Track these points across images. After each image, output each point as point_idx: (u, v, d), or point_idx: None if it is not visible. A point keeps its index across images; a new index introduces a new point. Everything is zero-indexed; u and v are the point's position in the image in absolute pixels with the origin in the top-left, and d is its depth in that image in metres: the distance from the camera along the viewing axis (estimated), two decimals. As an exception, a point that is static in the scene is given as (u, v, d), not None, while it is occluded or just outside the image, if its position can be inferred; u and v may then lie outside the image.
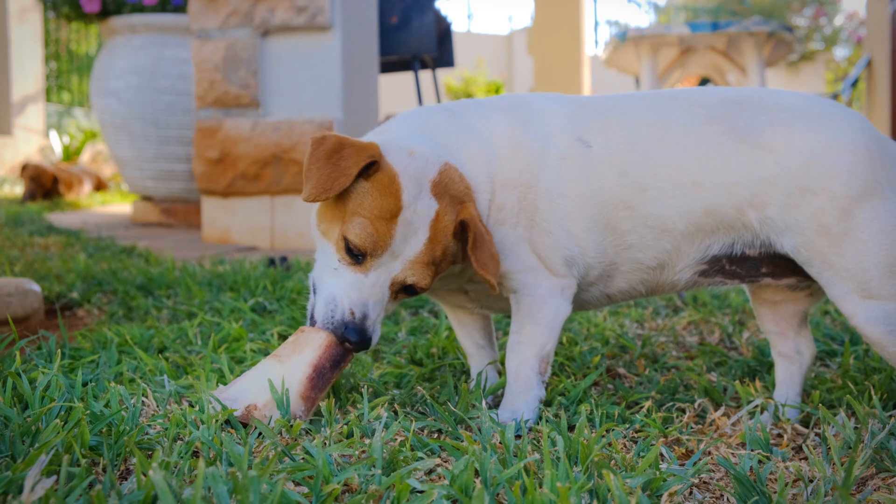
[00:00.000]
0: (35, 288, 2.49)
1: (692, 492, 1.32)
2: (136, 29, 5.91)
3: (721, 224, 1.61)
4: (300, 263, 3.57)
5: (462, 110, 1.74)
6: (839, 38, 16.13)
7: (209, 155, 5.00)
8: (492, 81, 11.40)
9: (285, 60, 4.91)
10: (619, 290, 1.75)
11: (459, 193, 1.58)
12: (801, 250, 1.56)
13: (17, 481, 1.14)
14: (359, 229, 1.51)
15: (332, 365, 1.54)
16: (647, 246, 1.66)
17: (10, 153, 11.66)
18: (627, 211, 1.64)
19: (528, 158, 1.64)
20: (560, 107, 1.71)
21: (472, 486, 1.21)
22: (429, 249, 1.54)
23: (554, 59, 11.36)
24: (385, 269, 1.54)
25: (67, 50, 14.99)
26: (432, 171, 1.56)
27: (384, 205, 1.51)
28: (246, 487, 1.07)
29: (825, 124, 1.56)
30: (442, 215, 1.55)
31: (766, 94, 1.65)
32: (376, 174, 1.53)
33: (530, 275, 1.67)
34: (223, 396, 1.55)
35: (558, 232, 1.65)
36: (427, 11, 5.98)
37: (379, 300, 1.54)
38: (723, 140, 1.60)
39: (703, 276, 1.69)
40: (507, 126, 1.68)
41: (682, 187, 1.61)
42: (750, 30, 7.10)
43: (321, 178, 1.49)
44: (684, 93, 1.71)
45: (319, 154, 1.52)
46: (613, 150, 1.64)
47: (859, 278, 1.52)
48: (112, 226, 6.16)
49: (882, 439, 1.41)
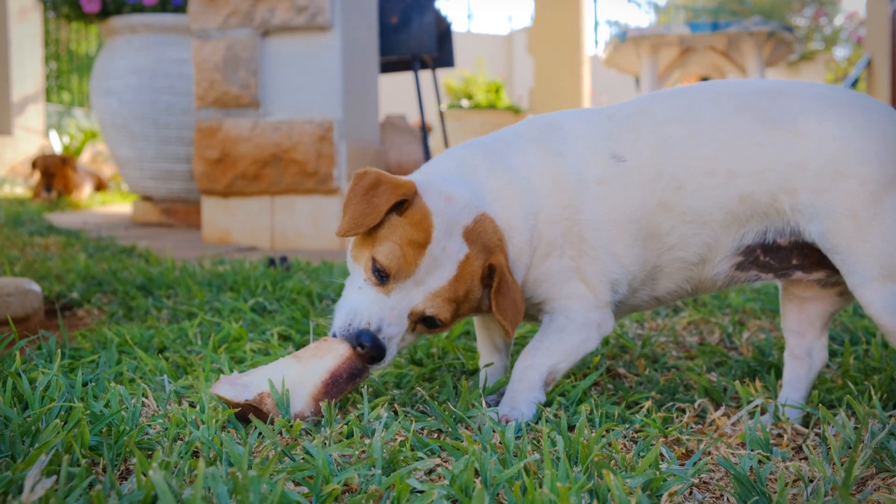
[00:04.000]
0: (35, 288, 2.49)
1: (692, 492, 1.32)
2: (136, 29, 5.91)
3: (755, 211, 1.65)
4: (300, 263, 3.57)
5: (499, 147, 1.76)
6: (839, 38, 16.13)
7: (209, 155, 5.00)
8: (492, 81, 11.39)
9: (285, 60, 4.91)
10: (666, 290, 1.78)
11: (491, 244, 1.63)
12: (827, 236, 1.58)
13: (17, 481, 1.14)
14: (387, 250, 1.56)
15: (348, 376, 1.56)
16: (687, 243, 1.69)
17: (10, 153, 11.66)
18: (667, 212, 1.67)
19: (569, 193, 1.69)
20: (588, 125, 1.74)
21: (472, 486, 1.21)
22: (452, 286, 1.59)
23: (554, 59, 11.36)
24: (406, 296, 1.58)
25: (67, 50, 14.99)
26: (467, 219, 1.61)
27: (414, 235, 1.56)
28: (246, 487, 1.07)
29: (857, 112, 1.60)
30: (472, 259, 1.60)
31: (797, 85, 1.69)
32: (409, 210, 1.58)
33: (574, 301, 1.72)
34: (237, 382, 1.55)
35: (605, 257, 1.70)
36: (427, 11, 5.98)
37: (396, 322, 1.58)
38: (755, 127, 1.63)
39: (740, 269, 1.72)
40: (543, 161, 1.71)
41: (717, 177, 1.64)
42: (750, 30, 7.10)
43: (354, 213, 1.57)
44: (712, 85, 1.74)
45: (358, 190, 1.60)
46: (647, 157, 1.67)
47: (882, 262, 1.55)
48: (112, 226, 6.17)
49: (882, 439, 1.41)
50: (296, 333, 2.32)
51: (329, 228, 4.90)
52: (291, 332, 2.32)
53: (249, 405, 1.52)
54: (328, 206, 4.90)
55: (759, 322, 2.68)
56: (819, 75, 15.99)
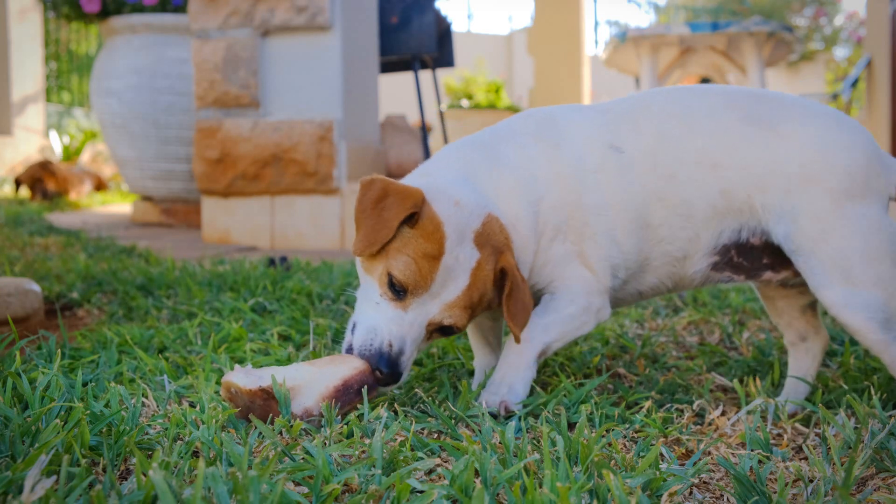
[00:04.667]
0: (35, 288, 2.49)
1: (692, 492, 1.32)
2: (136, 29, 5.91)
3: (731, 207, 1.70)
4: (300, 263, 3.57)
5: (497, 144, 1.78)
6: (839, 38, 16.13)
7: (209, 155, 5.00)
8: (492, 81, 11.39)
9: (285, 60, 4.91)
10: (649, 285, 1.83)
11: (499, 244, 1.65)
12: (792, 237, 1.65)
13: (17, 481, 1.14)
14: (403, 265, 1.57)
15: (358, 389, 1.57)
16: (675, 237, 1.74)
17: (10, 153, 11.66)
18: (660, 202, 1.72)
19: (569, 179, 1.72)
20: (584, 118, 1.78)
21: (472, 486, 1.21)
22: (467, 294, 1.60)
23: (554, 59, 11.36)
24: (424, 310, 1.59)
25: (67, 50, 14.99)
26: (476, 222, 1.62)
27: (428, 248, 1.57)
28: (246, 487, 1.07)
29: (832, 124, 1.69)
30: (483, 264, 1.61)
31: (785, 95, 1.78)
32: (421, 222, 1.58)
33: (577, 283, 1.75)
34: (252, 372, 1.56)
35: (606, 241, 1.73)
36: (427, 11, 5.98)
37: (415, 338, 1.60)
38: (741, 125, 1.70)
39: (715, 269, 1.78)
40: (542, 152, 1.74)
41: (704, 169, 1.70)
42: (750, 30, 7.10)
43: (367, 231, 1.57)
44: (704, 87, 1.82)
45: (366, 202, 1.60)
46: (643, 148, 1.73)
47: (842, 265, 1.62)
48: (112, 226, 6.17)
49: (882, 439, 1.41)
50: (296, 333, 2.32)
51: (329, 228, 4.90)
52: (291, 332, 2.32)
53: (262, 392, 1.52)
54: (328, 206, 4.90)
55: (759, 322, 2.68)
56: (819, 75, 15.99)
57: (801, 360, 1.92)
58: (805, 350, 1.92)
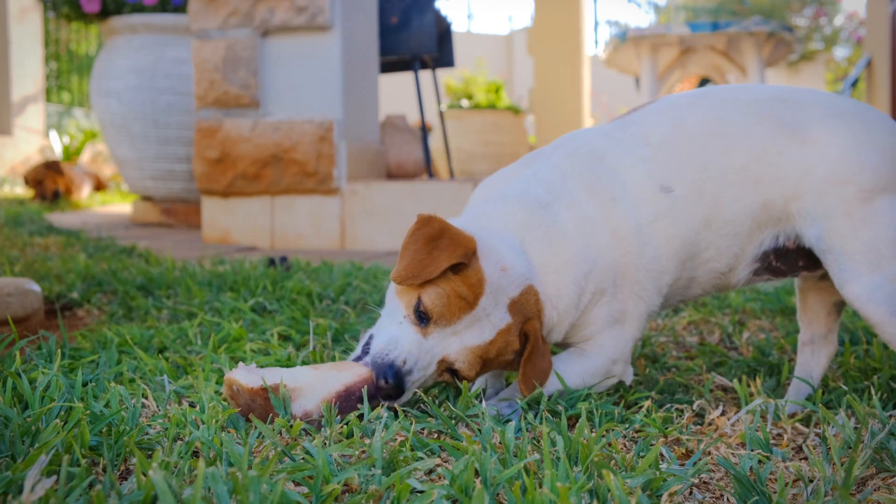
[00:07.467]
0: (35, 288, 2.49)
1: (692, 492, 1.32)
2: (136, 29, 5.91)
3: (771, 217, 1.74)
4: (300, 263, 3.57)
5: (552, 203, 1.73)
6: (839, 38, 16.11)
7: (209, 155, 5.00)
8: (492, 81, 11.38)
9: (285, 60, 4.91)
10: (694, 295, 1.88)
11: (530, 313, 1.66)
12: (824, 237, 1.69)
13: (17, 481, 1.14)
14: (434, 295, 1.58)
15: (359, 396, 1.57)
16: (721, 255, 1.77)
17: (10, 153, 11.66)
18: (707, 229, 1.74)
19: (627, 242, 1.72)
20: (630, 156, 1.76)
21: (472, 486, 1.21)
22: (486, 348, 1.61)
23: (554, 59, 11.35)
24: (442, 343, 1.60)
25: (67, 50, 14.99)
26: (515, 291, 1.63)
27: (464, 292, 1.58)
28: (246, 487, 1.07)
29: (858, 123, 1.72)
30: (512, 329, 1.63)
31: (805, 92, 1.80)
32: (466, 272, 1.59)
33: (609, 342, 1.76)
34: (255, 371, 1.56)
35: (652, 294, 1.76)
36: (427, 11, 5.97)
37: (426, 366, 1.60)
38: (774, 136, 1.72)
39: (755, 274, 1.82)
40: (599, 211, 1.72)
41: (747, 187, 1.73)
42: (750, 30, 7.10)
43: (413, 262, 1.57)
44: (730, 92, 1.81)
45: (419, 236, 1.60)
46: (690, 181, 1.74)
47: (870, 256, 1.65)
48: (112, 226, 6.16)
49: (882, 439, 1.41)
50: (296, 333, 2.32)
51: (329, 228, 4.90)
52: (291, 332, 2.32)
53: (264, 391, 1.52)
54: (328, 206, 4.90)
55: (759, 322, 2.68)
56: (819, 75, 15.98)
57: (807, 363, 1.95)
58: (811, 353, 1.94)
